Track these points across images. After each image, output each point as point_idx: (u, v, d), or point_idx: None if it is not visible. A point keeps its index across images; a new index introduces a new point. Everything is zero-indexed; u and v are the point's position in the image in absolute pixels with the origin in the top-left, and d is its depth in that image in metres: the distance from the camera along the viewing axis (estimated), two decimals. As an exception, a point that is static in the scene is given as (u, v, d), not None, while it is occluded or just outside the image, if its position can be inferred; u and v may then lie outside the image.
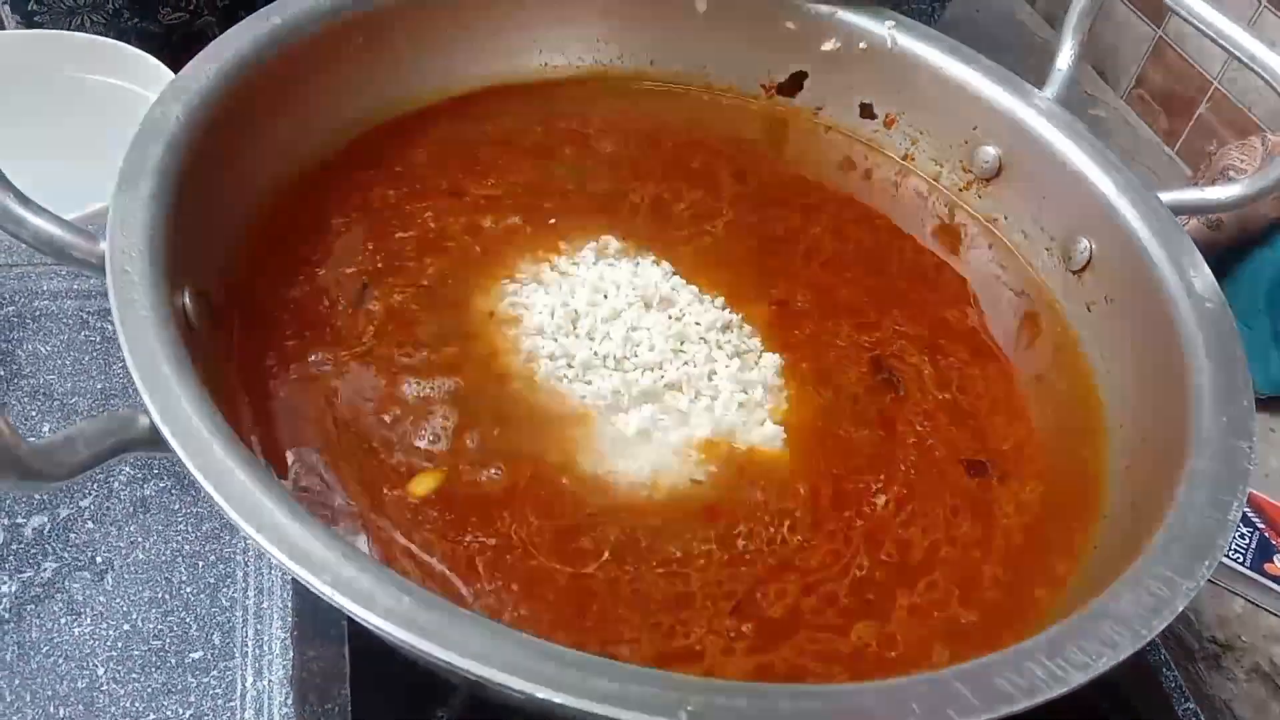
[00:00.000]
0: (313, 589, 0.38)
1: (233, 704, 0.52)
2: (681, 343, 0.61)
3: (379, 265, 0.62)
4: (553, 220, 0.67)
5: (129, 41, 0.88)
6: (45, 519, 0.57)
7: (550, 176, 0.71)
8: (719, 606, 0.50)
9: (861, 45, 0.77)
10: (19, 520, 0.57)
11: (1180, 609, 0.44)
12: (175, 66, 0.86)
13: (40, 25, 0.91)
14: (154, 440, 0.41)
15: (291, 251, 0.62)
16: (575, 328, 0.61)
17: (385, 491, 0.52)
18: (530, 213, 0.68)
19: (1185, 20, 0.65)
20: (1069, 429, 0.63)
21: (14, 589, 0.55)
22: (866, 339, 0.65)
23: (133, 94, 0.87)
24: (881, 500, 0.57)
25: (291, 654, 0.53)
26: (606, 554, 0.51)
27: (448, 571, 0.49)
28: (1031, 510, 0.58)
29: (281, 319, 0.58)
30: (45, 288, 0.67)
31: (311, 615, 0.55)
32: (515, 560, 0.50)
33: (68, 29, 0.91)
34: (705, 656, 0.48)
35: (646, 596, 0.50)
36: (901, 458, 0.59)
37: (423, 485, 0.52)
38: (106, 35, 0.89)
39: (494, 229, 0.66)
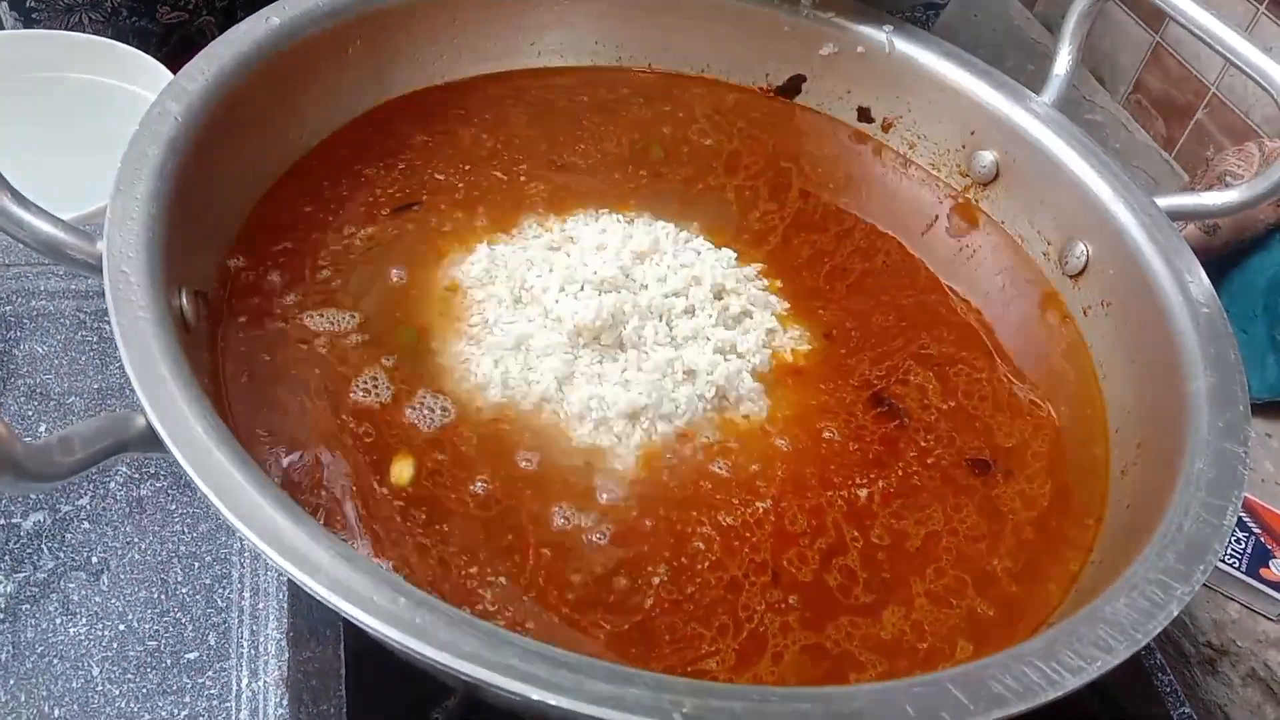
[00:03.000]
0: (308, 590, 0.38)
1: (228, 705, 0.52)
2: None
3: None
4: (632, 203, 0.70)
5: (127, 40, 0.88)
6: (42, 518, 0.57)
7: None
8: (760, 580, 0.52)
9: (859, 49, 0.77)
10: (15, 520, 0.57)
11: (1176, 614, 0.44)
12: (173, 66, 0.86)
13: (39, 23, 0.91)
14: (151, 441, 0.41)
15: (304, 225, 0.63)
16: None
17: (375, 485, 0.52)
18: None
19: (1182, 26, 0.65)
20: (1073, 428, 0.63)
21: (10, 589, 0.55)
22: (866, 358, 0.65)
23: (130, 94, 0.87)
24: (872, 489, 0.57)
25: (287, 655, 0.53)
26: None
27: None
28: (1038, 504, 0.58)
29: (283, 303, 0.59)
30: (42, 288, 0.67)
31: (307, 616, 0.55)
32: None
33: (66, 27, 0.91)
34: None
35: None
36: (904, 465, 0.59)
37: (404, 473, 0.53)
38: (105, 34, 0.89)
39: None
